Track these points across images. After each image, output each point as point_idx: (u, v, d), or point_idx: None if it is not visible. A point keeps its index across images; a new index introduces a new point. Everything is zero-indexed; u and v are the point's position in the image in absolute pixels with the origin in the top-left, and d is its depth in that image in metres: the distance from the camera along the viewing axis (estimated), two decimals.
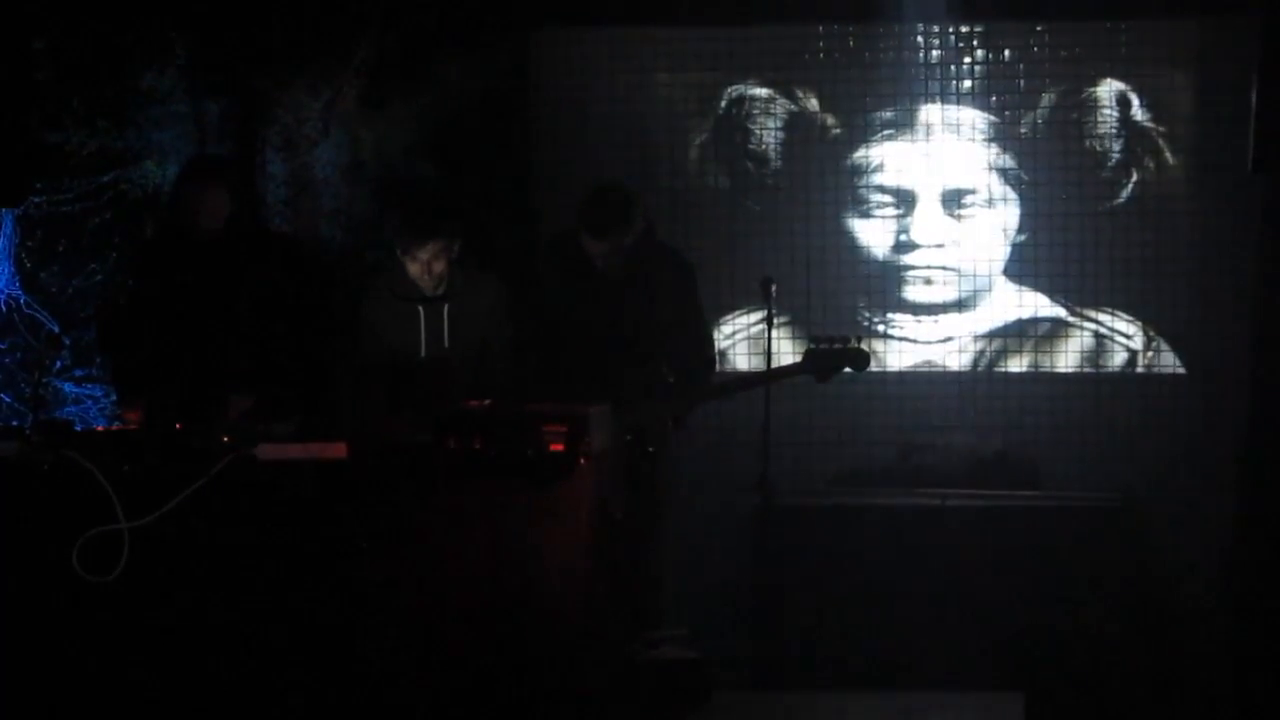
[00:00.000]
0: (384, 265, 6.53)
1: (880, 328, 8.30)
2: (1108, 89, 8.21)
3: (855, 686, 6.83)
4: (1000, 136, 8.27)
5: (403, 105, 8.02)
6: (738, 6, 8.18)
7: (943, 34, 8.25)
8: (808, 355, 6.62)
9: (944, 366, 8.35)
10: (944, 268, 8.32)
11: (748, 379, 6.64)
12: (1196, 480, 7.78)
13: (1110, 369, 8.28)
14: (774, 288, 6.58)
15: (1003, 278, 8.30)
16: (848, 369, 6.62)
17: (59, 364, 7.84)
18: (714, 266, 7.76)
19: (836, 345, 6.57)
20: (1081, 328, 8.29)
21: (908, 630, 7.03)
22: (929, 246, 8.31)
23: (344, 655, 5.31)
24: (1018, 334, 8.32)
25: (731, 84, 8.44)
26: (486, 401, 5.61)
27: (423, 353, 6.42)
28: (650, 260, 6.57)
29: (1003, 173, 8.28)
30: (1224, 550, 7.60)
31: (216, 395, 6.12)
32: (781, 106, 8.41)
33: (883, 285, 8.35)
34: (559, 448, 5.28)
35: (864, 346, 6.59)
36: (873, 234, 8.35)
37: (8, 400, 7.75)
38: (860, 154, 8.37)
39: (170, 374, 6.33)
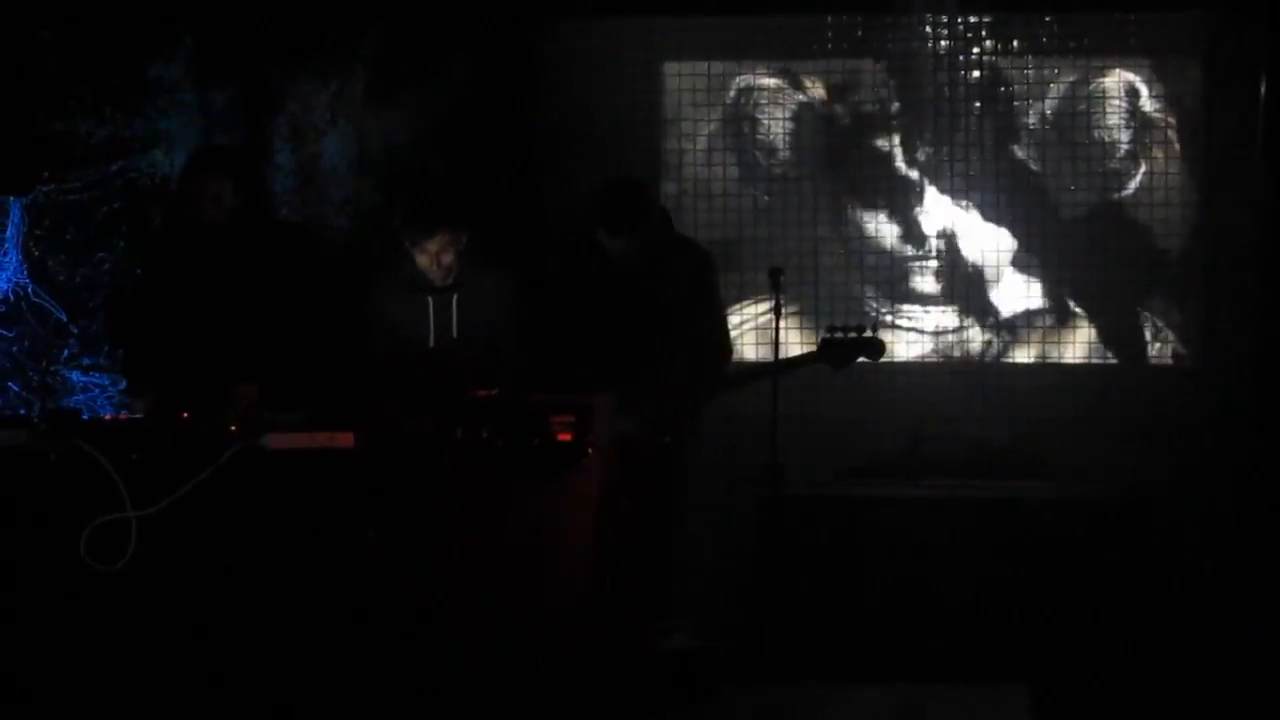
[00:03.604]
0: (392, 256, 6.53)
1: (888, 318, 8.29)
2: (1116, 80, 8.21)
3: (862, 677, 6.83)
4: (1009, 127, 8.26)
5: (410, 96, 8.02)
6: None
7: (951, 24, 8.24)
8: (823, 345, 6.63)
9: (951, 358, 8.35)
10: (951, 258, 8.31)
11: (763, 369, 6.64)
12: (1202, 473, 7.77)
13: (1117, 361, 8.27)
14: (782, 278, 6.58)
15: (1010, 269, 8.29)
16: (863, 358, 6.64)
17: (66, 353, 7.84)
18: (722, 257, 7.75)
19: (852, 334, 6.59)
20: (1088, 320, 8.29)
21: (914, 621, 7.04)
22: (936, 237, 8.31)
23: (351, 645, 5.31)
24: (1025, 326, 8.32)
25: (739, 74, 8.44)
26: (494, 392, 5.61)
27: (431, 343, 6.42)
28: (668, 252, 6.59)
29: (1011, 162, 8.28)
30: (1229, 544, 7.59)
31: (224, 384, 6.14)
32: (789, 97, 8.41)
33: (890, 276, 8.35)
34: (566, 438, 5.28)
35: (879, 335, 6.59)
36: (881, 225, 8.35)
37: (15, 389, 7.76)
38: (868, 144, 8.36)
39: (178, 363, 6.34)
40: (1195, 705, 6.70)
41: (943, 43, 8.27)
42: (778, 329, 6.54)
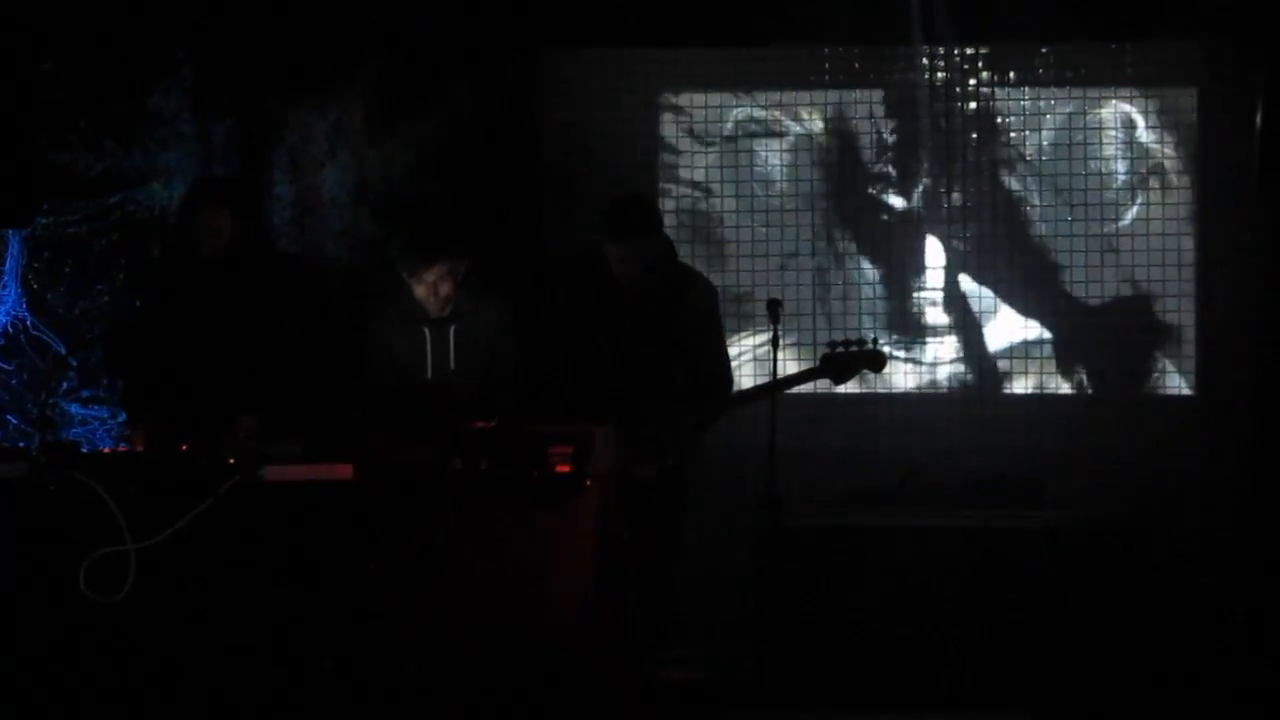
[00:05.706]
0: (390, 287, 6.54)
1: (886, 349, 8.29)
2: (1113, 110, 8.23)
3: (863, 705, 6.82)
4: (1006, 158, 8.27)
5: (409, 126, 8.03)
6: (743, 28, 8.18)
7: (948, 56, 8.26)
8: (824, 359, 6.65)
9: (949, 388, 8.35)
10: (949, 289, 8.32)
11: (766, 387, 6.65)
12: (1201, 502, 7.77)
13: (1114, 391, 8.27)
14: (780, 309, 6.59)
15: (1007, 300, 8.29)
16: (866, 370, 6.66)
17: (65, 385, 7.84)
18: (720, 289, 7.74)
19: (853, 348, 6.61)
20: (1085, 350, 8.29)
21: (915, 649, 7.02)
22: (934, 268, 8.32)
23: (351, 676, 5.31)
24: (1023, 355, 8.32)
25: (737, 105, 8.45)
26: (492, 422, 5.61)
27: (429, 374, 6.42)
28: (671, 279, 6.61)
29: (1008, 194, 8.29)
30: (1229, 572, 7.58)
31: (223, 416, 6.14)
32: (787, 128, 8.42)
33: (888, 308, 8.35)
34: (565, 469, 5.28)
35: (880, 348, 6.62)
36: (878, 256, 8.36)
37: (15, 422, 7.76)
38: (865, 175, 8.38)
39: (178, 395, 6.34)
40: None
41: (939, 74, 8.28)
42: (776, 360, 6.55)
